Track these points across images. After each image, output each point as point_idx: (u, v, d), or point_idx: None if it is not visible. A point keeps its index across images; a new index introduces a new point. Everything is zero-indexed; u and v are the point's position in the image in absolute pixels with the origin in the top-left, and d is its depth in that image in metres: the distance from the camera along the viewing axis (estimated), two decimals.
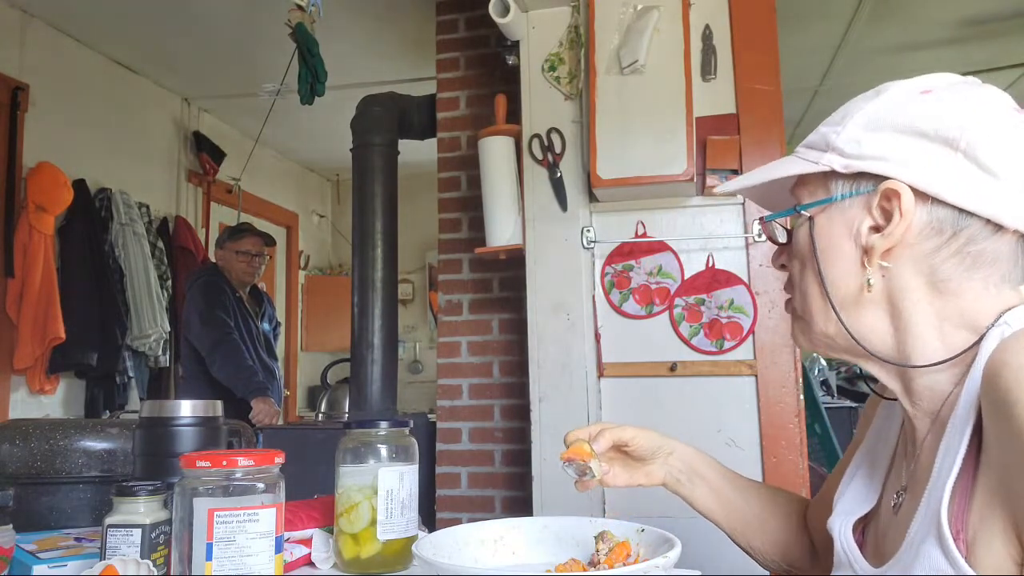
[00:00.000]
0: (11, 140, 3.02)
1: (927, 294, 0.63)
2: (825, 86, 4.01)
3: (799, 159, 0.70)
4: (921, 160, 0.62)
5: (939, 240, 0.62)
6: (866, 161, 0.64)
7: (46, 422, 1.27)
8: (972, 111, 0.63)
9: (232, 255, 3.23)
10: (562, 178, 1.99)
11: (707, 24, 1.94)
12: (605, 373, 1.91)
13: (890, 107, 0.65)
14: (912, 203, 0.62)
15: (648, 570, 0.69)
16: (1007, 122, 0.63)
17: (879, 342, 0.66)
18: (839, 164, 0.66)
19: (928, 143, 0.62)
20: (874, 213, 0.64)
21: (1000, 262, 0.63)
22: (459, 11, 2.68)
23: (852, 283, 0.66)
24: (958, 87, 0.66)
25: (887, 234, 0.63)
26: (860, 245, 0.65)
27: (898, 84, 0.67)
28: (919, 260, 0.63)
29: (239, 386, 2.95)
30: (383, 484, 0.97)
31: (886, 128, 0.64)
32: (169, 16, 3.22)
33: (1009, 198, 0.61)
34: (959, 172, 0.61)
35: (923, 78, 0.68)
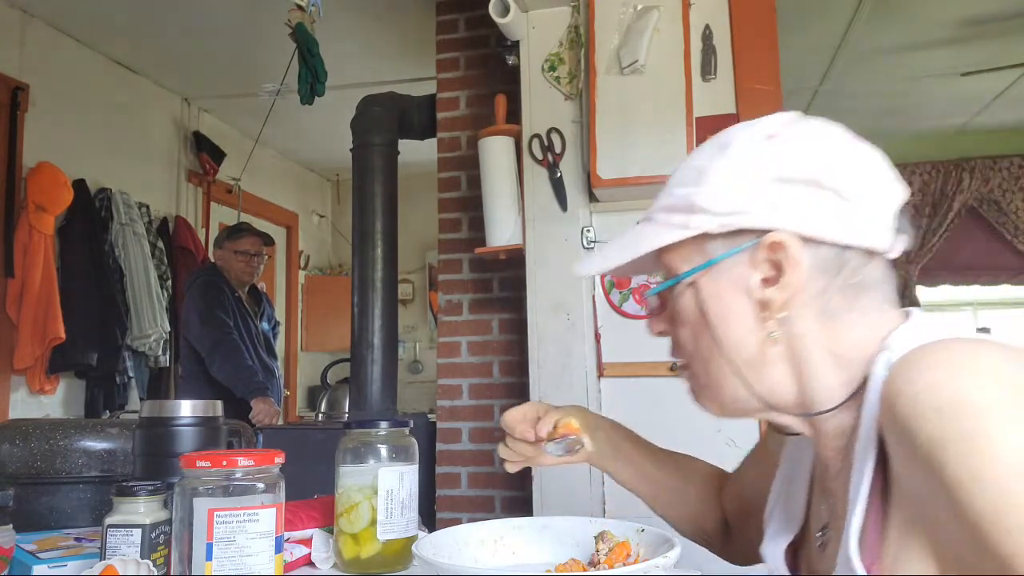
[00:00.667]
0: (11, 140, 3.02)
1: (821, 334, 0.63)
2: (825, 86, 4.01)
3: (665, 226, 0.67)
4: (793, 205, 0.61)
5: (826, 279, 0.62)
6: (739, 216, 0.63)
7: (46, 422, 1.27)
8: (823, 146, 0.63)
9: (231, 255, 3.23)
10: (562, 178, 2.00)
11: (707, 24, 1.94)
12: (605, 373, 1.91)
13: (743, 158, 0.64)
14: (800, 250, 0.61)
15: (648, 570, 0.69)
16: (854, 149, 0.64)
17: (786, 394, 0.65)
18: (712, 225, 0.63)
19: (794, 187, 0.62)
20: (761, 267, 0.63)
21: (879, 285, 0.63)
22: (459, 11, 2.68)
23: (752, 341, 0.64)
24: (799, 125, 0.66)
25: (784, 285, 0.62)
26: (755, 300, 0.63)
27: (742, 133, 0.66)
28: (810, 303, 0.63)
29: (239, 386, 2.95)
30: (383, 484, 0.97)
31: (748, 180, 0.63)
32: (169, 16, 3.22)
33: (874, 223, 0.62)
34: (831, 209, 0.61)
35: (762, 122, 0.66)
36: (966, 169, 4.81)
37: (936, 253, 4.84)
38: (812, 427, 0.66)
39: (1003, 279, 4.88)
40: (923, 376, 0.52)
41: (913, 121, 4.60)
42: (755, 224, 0.62)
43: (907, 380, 0.53)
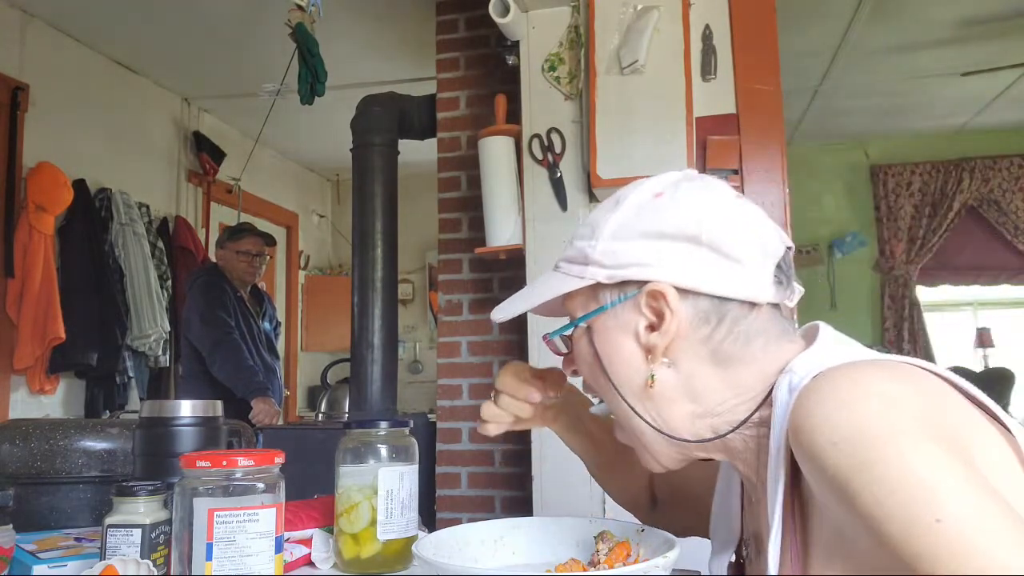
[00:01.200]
0: (11, 140, 3.02)
1: (715, 371, 0.67)
2: (825, 86, 4.01)
3: (563, 275, 0.73)
4: (673, 259, 0.66)
5: (708, 328, 0.66)
6: (626, 269, 0.68)
7: (46, 422, 1.27)
8: (704, 205, 0.68)
9: (233, 255, 3.23)
10: (562, 178, 1.99)
11: (707, 24, 1.94)
12: None
13: (632, 215, 0.69)
14: (677, 299, 0.65)
15: (648, 570, 0.70)
16: (733, 209, 0.68)
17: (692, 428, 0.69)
18: (602, 276, 0.69)
19: (674, 243, 0.66)
20: (645, 312, 0.67)
21: (767, 329, 0.67)
22: (459, 11, 2.68)
23: (641, 381, 0.69)
24: (683, 184, 0.70)
25: (664, 331, 0.66)
26: (641, 345, 0.68)
27: (633, 191, 0.71)
28: (697, 346, 0.67)
29: (239, 386, 2.95)
30: (383, 484, 0.97)
31: (634, 235, 0.68)
32: (169, 16, 3.22)
33: (752, 277, 0.66)
34: (708, 264, 0.66)
35: (652, 181, 0.72)
36: (966, 169, 4.81)
37: (936, 253, 4.84)
38: (726, 451, 0.70)
39: (1003, 279, 4.89)
40: (818, 409, 0.55)
41: (913, 121, 4.60)
42: (638, 276, 0.67)
43: (806, 414, 0.56)
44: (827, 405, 0.54)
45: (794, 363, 0.64)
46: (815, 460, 0.54)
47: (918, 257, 4.83)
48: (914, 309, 4.82)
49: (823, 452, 0.53)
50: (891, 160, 4.96)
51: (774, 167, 1.90)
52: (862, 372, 0.57)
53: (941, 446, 0.50)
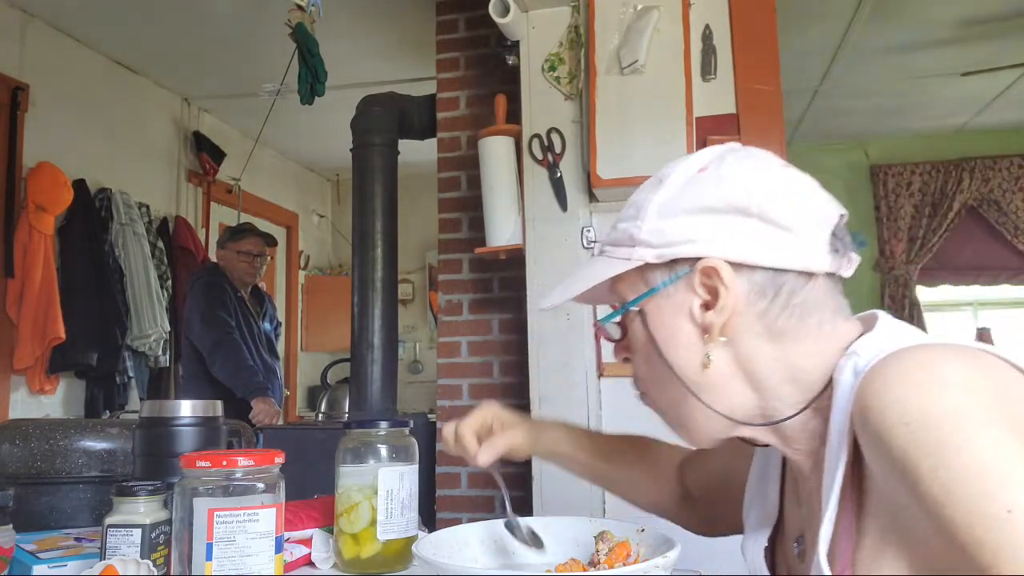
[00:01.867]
0: (11, 140, 3.02)
1: (772, 351, 0.66)
2: (825, 86, 4.01)
3: (609, 259, 0.71)
4: (723, 233, 0.65)
5: (765, 301, 0.65)
6: (675, 247, 0.66)
7: (46, 422, 1.27)
8: (750, 175, 0.66)
9: (233, 255, 3.23)
10: (562, 178, 1.99)
11: (707, 24, 1.94)
12: (605, 373, 1.91)
13: (677, 191, 0.68)
14: (731, 275, 0.64)
15: (648, 570, 0.70)
16: (782, 177, 0.67)
17: (748, 409, 0.67)
18: (651, 256, 0.68)
19: (723, 216, 0.65)
20: (699, 291, 0.66)
21: (823, 303, 0.66)
22: (459, 11, 2.68)
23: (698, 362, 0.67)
24: (728, 157, 0.68)
25: (719, 309, 0.65)
26: (697, 324, 0.67)
27: (676, 168, 0.70)
28: (754, 323, 0.65)
29: (239, 386, 2.95)
30: (383, 484, 0.97)
31: (680, 212, 0.67)
32: (169, 16, 3.22)
33: (807, 246, 0.64)
34: (760, 235, 0.64)
35: (695, 157, 0.70)
36: (966, 169, 4.81)
37: (936, 253, 4.84)
38: (778, 436, 0.69)
39: (1003, 279, 4.88)
40: (890, 390, 0.53)
41: (913, 121, 4.60)
42: (688, 253, 0.66)
43: (875, 393, 0.54)
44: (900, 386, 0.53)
45: (857, 346, 0.62)
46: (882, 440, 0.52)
47: (918, 257, 4.83)
48: (914, 309, 4.82)
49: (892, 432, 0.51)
50: (891, 160, 4.95)
51: None
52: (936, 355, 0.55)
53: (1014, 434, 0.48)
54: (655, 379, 0.72)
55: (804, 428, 0.66)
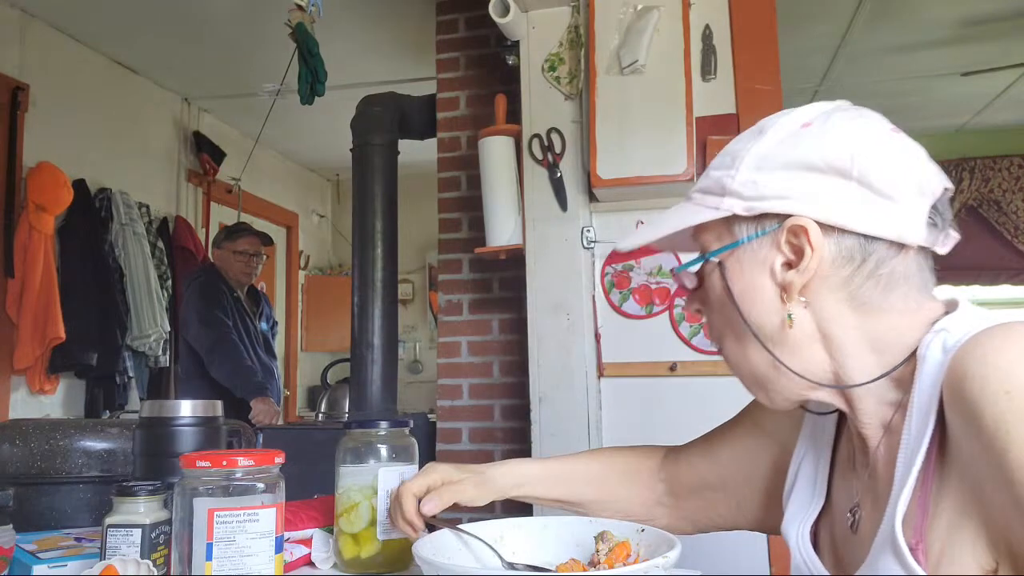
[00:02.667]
0: (11, 140, 3.02)
1: (853, 318, 0.64)
2: (825, 86, 4.01)
3: (698, 206, 0.70)
4: (819, 193, 0.63)
5: (851, 268, 0.63)
6: (766, 201, 0.65)
7: (46, 422, 1.27)
8: (856, 137, 0.64)
9: (230, 255, 3.23)
10: (562, 178, 1.99)
11: (707, 24, 1.94)
12: (605, 373, 1.91)
13: (776, 144, 0.66)
14: (820, 236, 0.63)
15: (648, 570, 0.69)
16: (888, 142, 0.65)
17: (819, 372, 0.66)
18: (740, 208, 0.66)
19: (821, 176, 0.63)
20: (784, 250, 0.65)
21: (912, 277, 0.64)
22: (459, 11, 2.68)
23: (776, 321, 0.66)
24: (835, 115, 0.66)
25: (802, 269, 0.63)
26: (777, 283, 0.66)
27: (778, 120, 0.68)
28: (836, 288, 0.64)
29: (238, 386, 2.95)
30: (383, 484, 0.97)
31: (777, 166, 0.65)
32: (169, 16, 3.22)
33: (905, 216, 0.62)
34: (856, 200, 0.62)
35: (800, 111, 0.68)
36: (966, 169, 4.81)
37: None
38: (848, 403, 0.67)
39: (1003, 279, 4.88)
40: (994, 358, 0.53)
41: (913, 121, 4.60)
42: (779, 209, 0.64)
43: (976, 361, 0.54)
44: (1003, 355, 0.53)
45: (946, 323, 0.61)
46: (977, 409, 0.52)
47: None
48: None
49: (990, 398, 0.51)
50: None
51: None
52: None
53: None
54: (729, 333, 0.71)
55: (879, 398, 0.65)
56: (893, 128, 0.66)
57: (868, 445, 0.68)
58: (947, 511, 0.56)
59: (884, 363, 0.64)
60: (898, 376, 0.63)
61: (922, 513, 0.57)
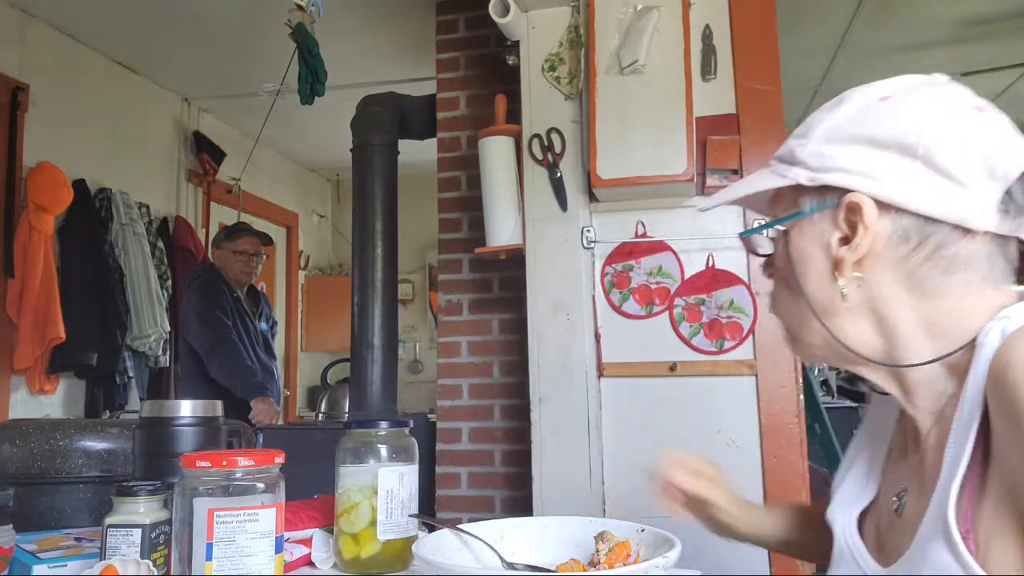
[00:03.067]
0: (11, 140, 3.02)
1: (908, 299, 0.64)
2: (825, 86, 4.01)
3: (771, 173, 0.71)
4: (881, 170, 0.62)
5: (907, 248, 0.63)
6: (830, 174, 0.65)
7: (46, 422, 1.27)
8: (929, 115, 0.63)
9: (229, 255, 3.23)
10: (562, 178, 1.99)
11: (707, 24, 1.94)
12: (605, 373, 1.91)
13: (850, 117, 0.65)
14: (875, 215, 0.62)
15: (648, 570, 0.69)
16: (966, 123, 0.63)
17: (867, 348, 0.66)
18: (805, 178, 0.66)
19: (885, 152, 0.62)
20: (841, 225, 0.65)
21: (977, 263, 0.62)
22: (459, 11, 2.68)
23: (828, 294, 0.66)
24: (917, 90, 0.65)
25: (854, 247, 0.63)
26: (831, 257, 0.66)
27: (859, 91, 0.67)
28: (892, 268, 0.64)
29: (238, 386, 2.95)
30: (383, 484, 0.97)
31: (846, 139, 0.64)
32: (169, 16, 3.22)
33: (973, 200, 0.61)
34: (920, 180, 0.61)
35: (884, 83, 0.67)
36: None
37: None
38: (900, 385, 0.67)
39: None
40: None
41: None
42: (840, 183, 0.64)
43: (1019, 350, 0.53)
44: None
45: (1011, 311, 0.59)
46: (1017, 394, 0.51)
47: None
48: None
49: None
50: None
51: None
52: None
53: None
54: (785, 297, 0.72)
55: (932, 385, 0.64)
56: (978, 106, 0.64)
57: (920, 431, 0.67)
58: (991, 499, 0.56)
59: (938, 349, 0.63)
60: (954, 363, 0.62)
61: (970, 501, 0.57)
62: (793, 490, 1.77)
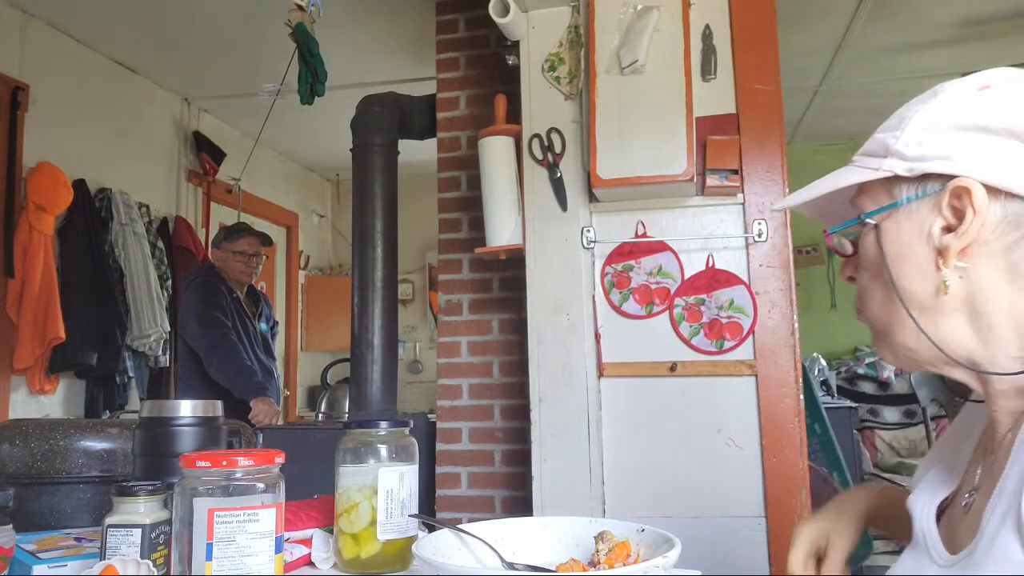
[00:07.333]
0: (11, 140, 3.02)
1: (1008, 292, 0.62)
2: (825, 86, 4.01)
3: (857, 168, 0.69)
4: (988, 155, 0.61)
5: (1016, 235, 0.61)
6: (931, 162, 0.63)
7: (46, 422, 1.27)
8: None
9: (229, 255, 3.23)
10: (562, 178, 1.99)
11: (707, 24, 1.94)
12: (605, 373, 1.91)
13: (949, 106, 0.64)
14: (985, 199, 0.61)
15: (648, 570, 0.69)
16: None
17: (961, 348, 0.65)
18: (902, 168, 0.65)
19: (993, 137, 0.61)
20: (945, 213, 0.63)
21: None
22: (459, 11, 2.68)
23: (927, 287, 0.64)
24: (1016, 80, 0.64)
25: (962, 233, 0.61)
26: (934, 247, 0.64)
27: (955, 83, 0.66)
28: (996, 257, 0.62)
29: (238, 386, 2.95)
30: (383, 484, 0.97)
31: (947, 127, 0.63)
32: (169, 16, 3.22)
33: None
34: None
35: (979, 75, 0.66)
36: None
37: None
38: (985, 385, 0.66)
39: None
40: None
41: None
42: (943, 169, 0.62)
43: None
44: None
45: None
46: None
47: None
48: None
49: None
50: None
51: (774, 167, 1.90)
52: None
53: None
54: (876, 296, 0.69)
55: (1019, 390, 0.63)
56: None
57: (997, 433, 0.67)
58: None
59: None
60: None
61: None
62: (793, 490, 1.77)
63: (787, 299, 1.85)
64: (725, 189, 1.89)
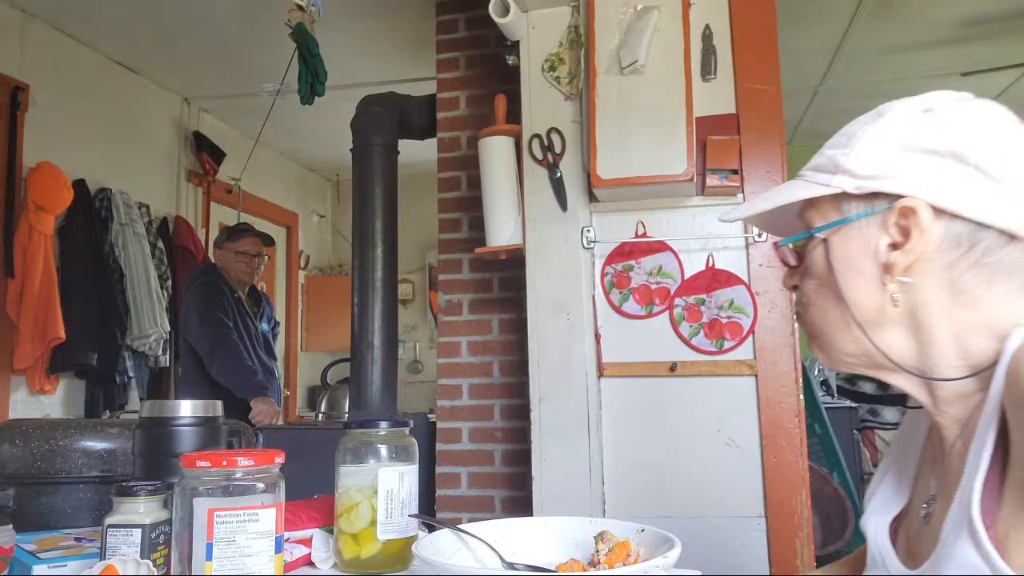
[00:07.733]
0: (11, 140, 3.02)
1: (948, 307, 0.65)
2: (825, 86, 4.01)
3: (807, 183, 0.71)
4: (934, 176, 0.63)
5: (956, 253, 0.64)
6: (880, 180, 0.65)
7: (46, 422, 1.27)
8: (978, 125, 0.64)
9: (231, 255, 3.23)
10: (562, 178, 1.99)
11: (707, 24, 1.94)
12: (605, 373, 1.91)
13: (896, 127, 0.66)
14: (930, 218, 0.63)
15: (648, 570, 0.69)
16: (1011, 134, 0.65)
17: (904, 356, 0.67)
18: (851, 185, 0.67)
19: (939, 159, 0.63)
20: (891, 231, 0.65)
21: (1017, 271, 0.64)
22: (459, 11, 2.68)
23: (873, 301, 0.67)
24: (958, 103, 0.67)
25: (908, 250, 0.64)
26: (880, 263, 0.66)
27: (900, 104, 0.68)
28: (938, 273, 0.64)
29: (239, 386, 2.95)
30: (383, 484, 0.97)
31: (895, 147, 0.65)
32: (169, 16, 3.22)
33: (1019, 208, 0.63)
34: (972, 185, 0.63)
35: (923, 97, 0.68)
36: None
37: None
38: (929, 393, 0.68)
39: None
40: None
41: None
42: (891, 189, 0.65)
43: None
44: None
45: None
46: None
47: None
48: None
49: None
50: None
51: (774, 167, 1.90)
52: None
53: None
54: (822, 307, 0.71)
55: (960, 396, 0.65)
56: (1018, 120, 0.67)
57: (945, 440, 0.68)
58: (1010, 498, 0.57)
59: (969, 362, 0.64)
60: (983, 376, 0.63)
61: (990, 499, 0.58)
62: (793, 490, 1.77)
63: (787, 299, 1.85)
64: (725, 189, 1.89)
